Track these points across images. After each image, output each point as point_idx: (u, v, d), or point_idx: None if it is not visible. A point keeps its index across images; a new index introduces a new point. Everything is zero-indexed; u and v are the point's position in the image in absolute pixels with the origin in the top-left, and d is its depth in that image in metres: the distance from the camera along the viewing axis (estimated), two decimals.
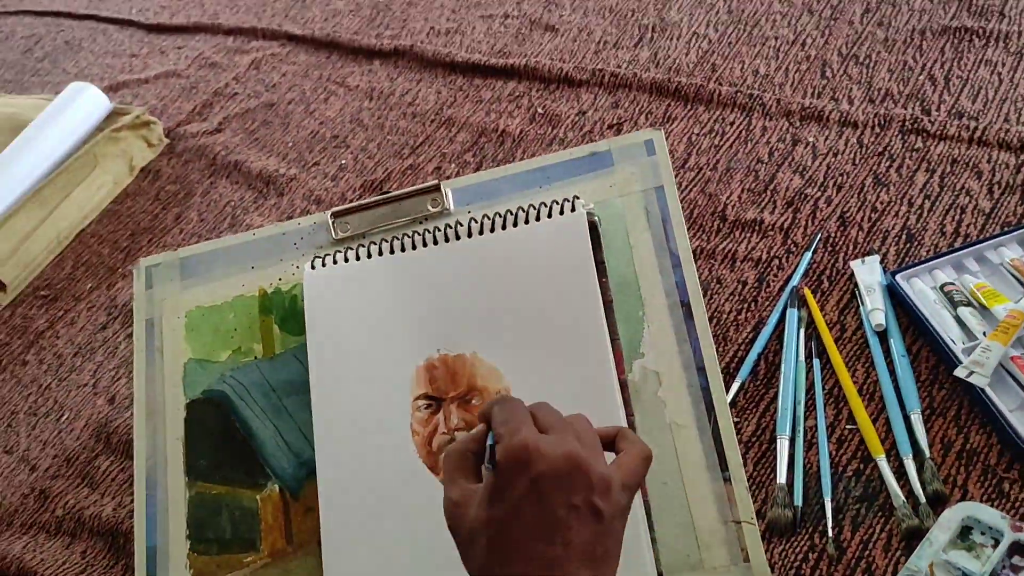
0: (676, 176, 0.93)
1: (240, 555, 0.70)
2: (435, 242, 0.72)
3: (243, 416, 0.74)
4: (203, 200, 1.18)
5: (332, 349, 0.71)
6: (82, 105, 1.27)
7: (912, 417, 0.66)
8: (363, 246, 0.74)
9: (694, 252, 0.84)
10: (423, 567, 0.65)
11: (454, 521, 0.49)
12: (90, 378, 1.00)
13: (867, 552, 0.61)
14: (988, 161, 0.82)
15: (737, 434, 0.70)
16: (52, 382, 1.01)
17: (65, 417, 0.96)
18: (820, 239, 0.81)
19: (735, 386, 0.73)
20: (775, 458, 0.68)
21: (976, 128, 0.85)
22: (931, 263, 0.74)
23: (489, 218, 0.72)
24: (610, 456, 0.51)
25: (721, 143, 0.95)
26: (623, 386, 0.66)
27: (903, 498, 0.62)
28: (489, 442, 0.49)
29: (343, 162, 1.14)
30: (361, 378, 0.70)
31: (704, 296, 0.80)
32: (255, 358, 0.76)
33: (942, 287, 0.72)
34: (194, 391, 0.76)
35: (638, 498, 0.63)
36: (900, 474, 0.64)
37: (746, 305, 0.79)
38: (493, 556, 0.46)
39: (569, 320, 0.68)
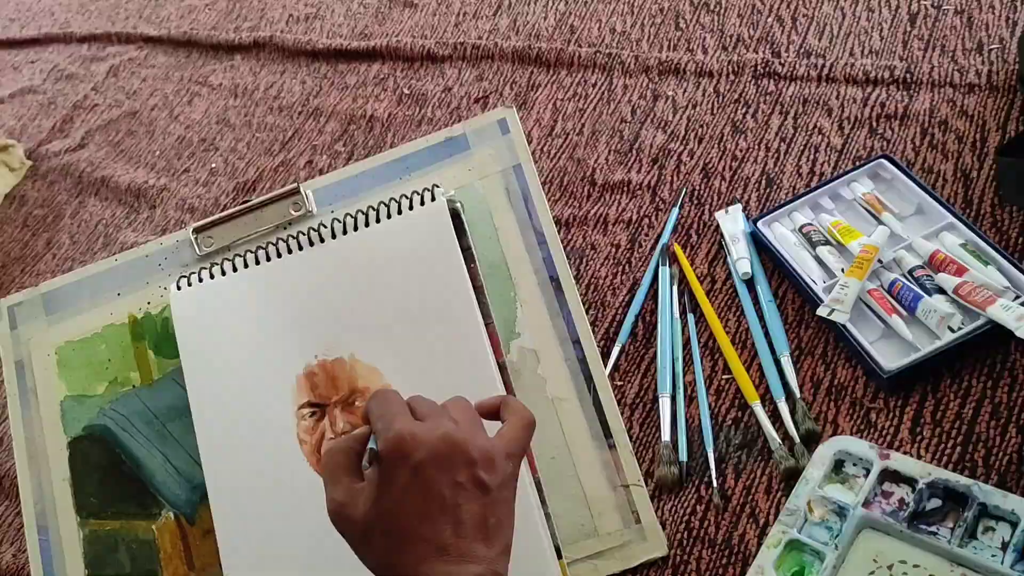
0: (544, 145, 0.93)
1: None
2: (300, 247, 0.71)
3: (128, 448, 0.73)
4: (73, 222, 1.13)
5: (208, 369, 0.70)
6: None
7: (782, 360, 0.68)
8: (228, 260, 0.73)
9: (567, 220, 0.85)
10: (325, 573, 0.65)
11: (342, 521, 0.50)
12: None
13: (751, 497, 0.64)
14: (837, 98, 0.85)
15: (621, 397, 0.71)
16: None
17: None
18: (686, 193, 0.83)
19: (615, 350, 0.74)
20: (659, 417, 0.69)
21: (824, 66, 0.87)
22: (789, 206, 0.76)
23: (352, 216, 0.71)
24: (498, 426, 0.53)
25: (585, 106, 0.95)
26: (502, 368, 0.67)
27: (779, 440, 0.65)
28: (370, 445, 0.50)
29: (213, 166, 1.11)
30: (241, 394, 0.69)
31: (580, 263, 0.81)
32: (133, 387, 0.74)
33: (801, 228, 0.74)
34: (74, 428, 0.74)
35: (529, 476, 0.64)
36: (775, 417, 0.67)
37: (621, 268, 0.80)
38: (389, 548, 0.48)
39: (441, 311, 0.68)
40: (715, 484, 0.65)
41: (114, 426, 0.73)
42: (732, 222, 0.77)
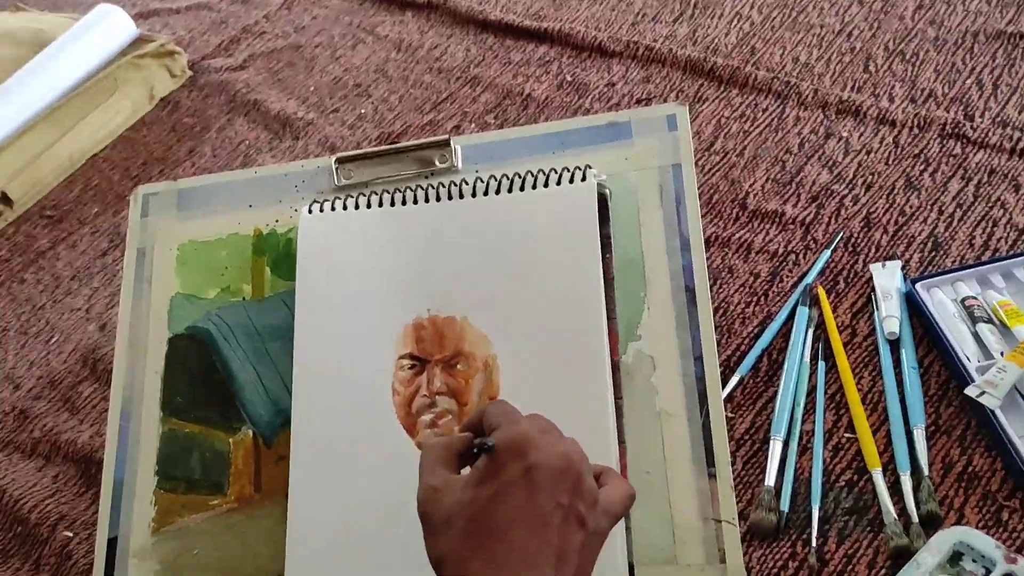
0: (700, 159, 0.89)
1: (206, 497, 0.69)
2: (437, 199, 0.70)
3: (225, 357, 0.72)
4: (218, 136, 1.15)
5: (320, 297, 0.69)
6: (108, 28, 1.24)
7: (915, 432, 0.63)
8: (364, 195, 0.71)
9: (709, 239, 0.81)
10: (388, 528, 0.62)
11: (430, 506, 0.48)
12: (84, 303, 0.98)
13: (850, 567, 0.58)
14: None
15: (730, 431, 0.67)
16: (47, 303, 1.00)
17: (55, 339, 0.95)
18: (842, 238, 0.78)
19: (733, 380, 0.70)
20: (766, 459, 0.65)
21: (1020, 139, 0.81)
22: (955, 274, 0.70)
23: (496, 179, 0.69)
24: None
25: (751, 129, 0.91)
26: (615, 368, 0.63)
27: (895, 515, 0.59)
28: (476, 440, 0.48)
29: (363, 111, 1.11)
30: (346, 330, 0.68)
31: (713, 285, 0.77)
32: (243, 299, 0.73)
33: (963, 300, 0.69)
34: (178, 326, 0.74)
35: None
36: (895, 491, 0.61)
37: (756, 299, 0.76)
38: (469, 538, 0.45)
39: (567, 293, 0.65)
40: (814, 544, 0.60)
41: (216, 332, 0.73)
42: (888, 277, 0.72)
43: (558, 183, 0.67)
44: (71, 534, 0.75)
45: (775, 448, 0.65)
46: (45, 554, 0.75)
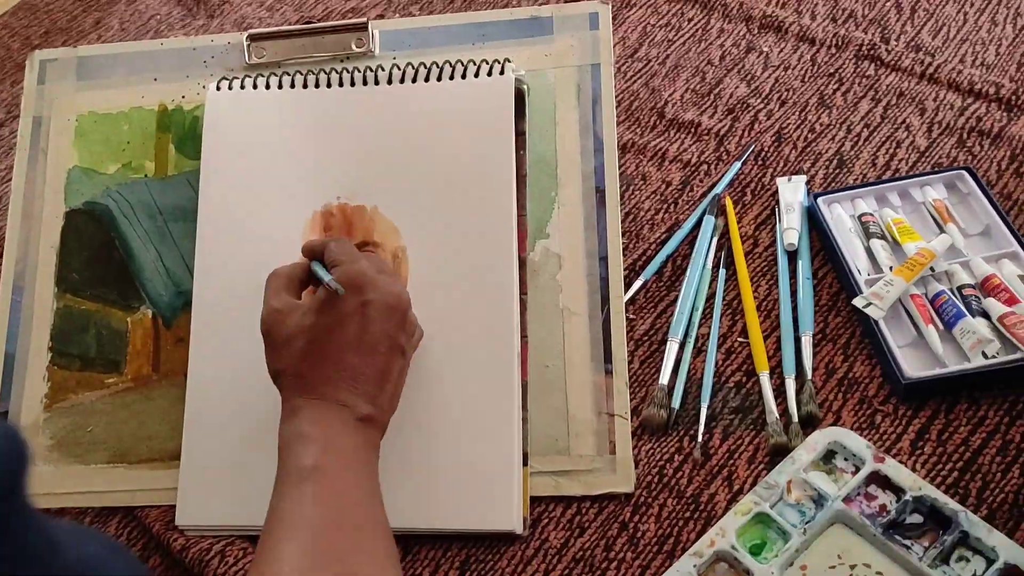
0: (623, 65, 0.89)
1: (102, 375, 0.68)
2: (352, 83, 0.68)
3: (125, 235, 0.70)
4: (128, 8, 1.10)
5: (226, 177, 0.67)
6: None
7: (803, 339, 0.66)
8: (275, 75, 0.69)
9: (625, 145, 0.82)
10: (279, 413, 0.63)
11: (274, 326, 0.55)
12: None
13: (732, 461, 0.61)
14: (934, 100, 0.80)
15: (630, 331, 0.69)
16: None
17: None
18: (753, 151, 0.79)
19: (638, 283, 0.71)
20: (662, 359, 0.67)
21: (930, 64, 0.82)
22: (855, 191, 0.72)
23: (413, 67, 0.68)
24: None
25: (675, 39, 0.91)
26: (522, 264, 0.64)
27: (777, 415, 0.62)
28: (321, 274, 0.55)
29: None
30: (252, 214, 0.67)
31: (626, 191, 0.78)
32: (145, 176, 0.71)
33: (860, 216, 0.71)
34: (76, 200, 0.71)
35: (517, 377, 0.61)
36: (780, 393, 0.64)
37: (666, 206, 0.77)
38: (307, 357, 0.53)
39: (478, 187, 0.65)
40: (700, 439, 0.62)
41: (116, 209, 0.71)
42: (792, 191, 0.74)
43: (476, 75, 0.67)
44: None
45: (671, 349, 0.67)
46: None
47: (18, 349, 0.69)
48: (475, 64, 0.67)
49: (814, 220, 0.72)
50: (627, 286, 0.71)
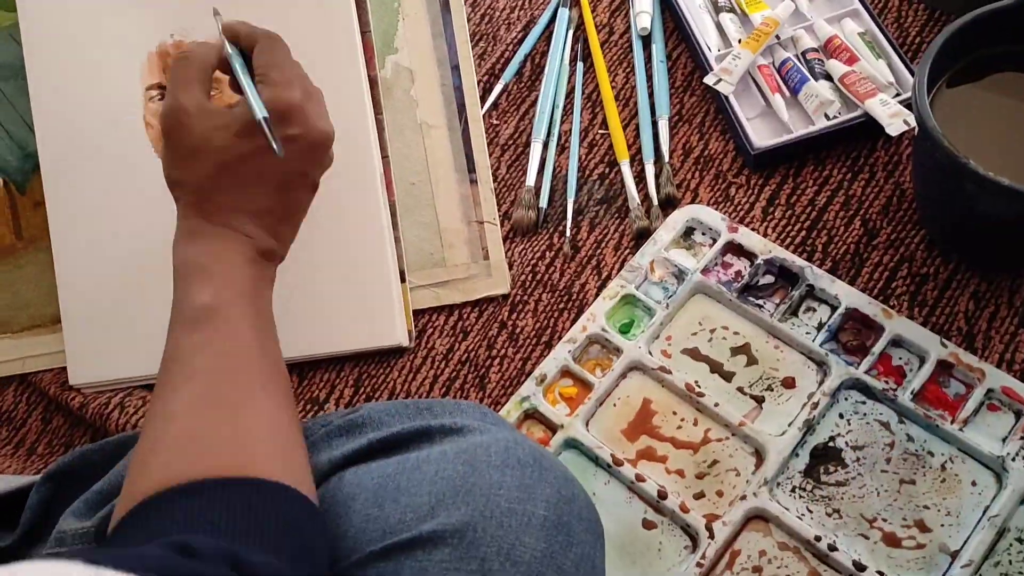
0: None
1: None
2: None
3: None
4: None
5: (50, 27, 0.63)
6: None
7: (659, 123, 0.67)
8: None
9: None
10: (157, 259, 0.63)
11: (178, 129, 0.48)
12: None
13: (599, 251, 0.64)
14: None
15: (495, 137, 0.69)
16: None
17: None
18: None
19: (498, 87, 0.71)
20: (528, 161, 0.68)
21: None
22: None
23: None
24: None
25: None
26: (373, 83, 0.63)
27: (638, 201, 0.65)
28: (250, 96, 0.48)
29: None
30: (84, 63, 0.63)
31: None
32: None
33: None
34: None
35: (384, 197, 0.62)
36: (641, 179, 0.66)
37: (520, 3, 0.75)
38: (214, 178, 0.48)
39: (316, 7, 0.62)
40: (568, 234, 0.65)
41: None
42: None
43: None
44: None
45: (535, 150, 0.68)
46: None
47: None
48: None
49: (667, 2, 0.72)
50: (488, 91, 0.71)
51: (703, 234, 0.63)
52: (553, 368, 0.59)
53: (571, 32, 0.73)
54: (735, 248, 0.61)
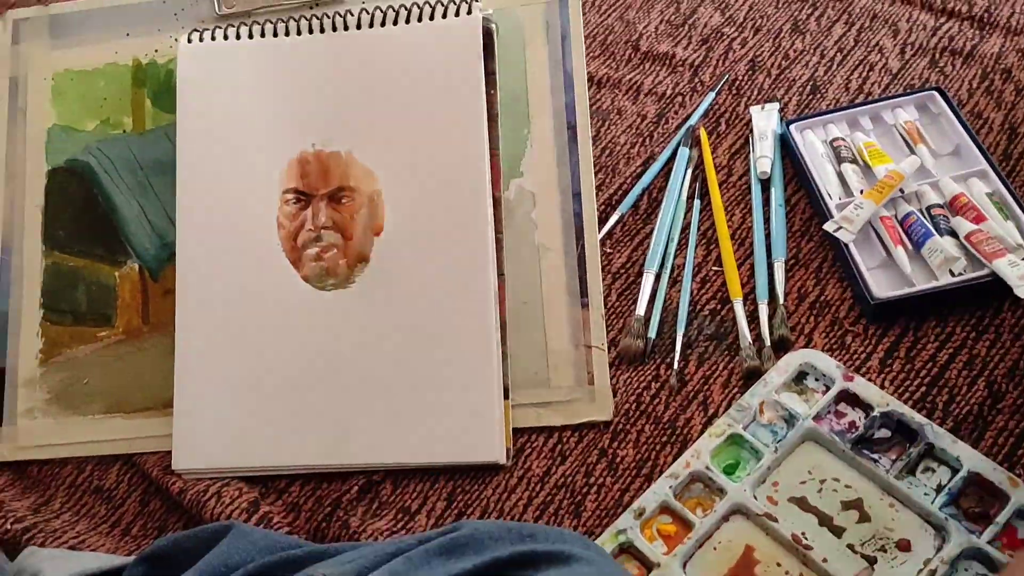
0: (597, 0, 0.89)
1: (94, 329, 0.69)
2: (322, 30, 0.68)
3: (107, 191, 0.71)
4: None
5: (202, 129, 0.68)
6: None
7: (775, 264, 0.67)
8: (245, 25, 0.69)
9: (600, 80, 0.82)
10: (271, 355, 0.65)
11: None
12: None
13: (706, 387, 0.63)
14: (907, 20, 0.80)
15: (607, 265, 0.70)
16: None
17: None
18: (727, 81, 0.79)
19: (614, 217, 0.72)
20: (639, 291, 0.68)
21: None
22: (827, 116, 0.73)
23: (381, 11, 0.68)
24: None
25: None
26: (496, 203, 0.65)
27: (750, 340, 0.64)
28: None
29: None
30: (230, 164, 0.68)
31: (601, 126, 0.79)
32: (124, 131, 0.72)
33: (832, 141, 0.72)
34: (57, 159, 0.72)
35: (496, 314, 0.63)
36: (753, 319, 0.65)
37: (641, 139, 0.78)
38: None
39: (450, 128, 0.65)
40: (676, 366, 0.64)
41: (97, 166, 0.72)
42: (765, 119, 0.74)
43: (444, 15, 0.67)
44: None
45: (647, 280, 0.68)
46: None
47: (10, 307, 0.70)
48: (442, 5, 0.67)
49: (787, 147, 0.73)
50: (603, 221, 0.72)
51: (816, 380, 0.61)
52: (652, 503, 0.57)
53: (690, 170, 0.74)
54: (850, 397, 0.60)
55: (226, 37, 0.69)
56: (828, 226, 0.66)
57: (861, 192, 0.67)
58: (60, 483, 0.67)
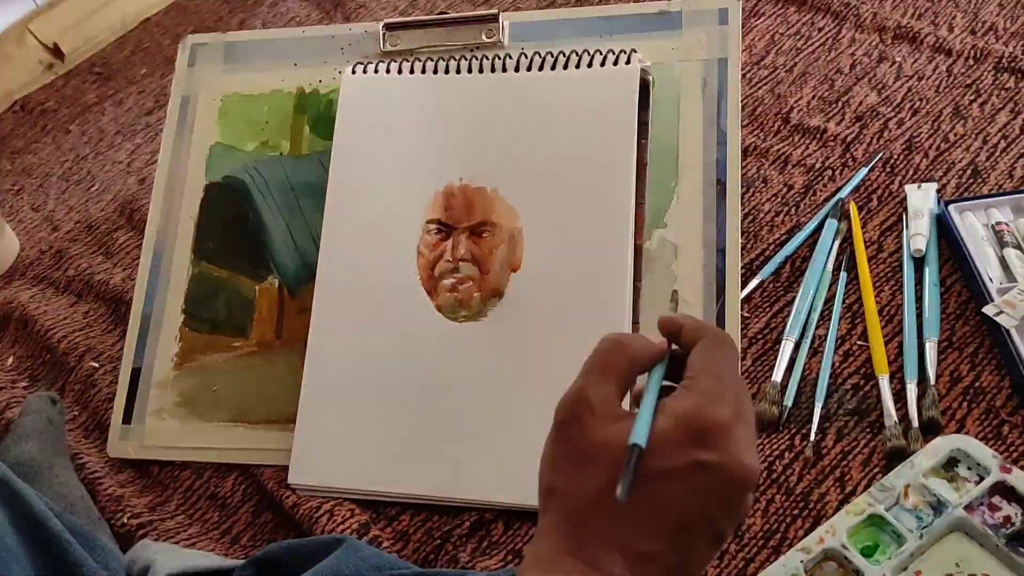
0: (748, 72, 0.88)
1: (229, 338, 0.71)
2: (480, 70, 0.70)
3: (258, 207, 0.74)
4: (271, 11, 1.16)
5: (355, 156, 0.70)
6: None
7: (927, 344, 0.63)
8: (407, 61, 0.72)
9: (747, 148, 0.81)
10: (397, 380, 0.64)
11: (574, 427, 0.39)
12: (126, 157, 1.00)
13: (845, 462, 0.60)
14: None
15: (745, 329, 0.68)
16: (90, 154, 1.02)
17: (95, 188, 0.97)
18: (881, 158, 0.77)
19: (755, 282, 0.70)
20: (776, 358, 0.66)
21: None
22: (989, 199, 0.70)
23: (540, 56, 0.69)
24: None
25: (804, 47, 0.90)
26: (638, 252, 0.64)
27: (896, 419, 0.60)
28: (643, 414, 0.38)
29: None
30: (378, 191, 0.69)
31: (746, 193, 0.77)
32: (281, 154, 0.75)
33: (994, 225, 0.68)
34: (216, 174, 0.75)
35: None
36: (900, 399, 0.62)
37: (787, 208, 0.76)
38: (603, 499, 0.37)
39: (599, 175, 0.65)
40: (813, 438, 0.61)
41: (251, 183, 0.74)
42: (921, 198, 0.72)
43: (603, 64, 0.68)
44: (97, 364, 0.78)
45: (786, 347, 0.66)
46: (70, 381, 0.78)
47: (155, 310, 0.73)
48: (601, 54, 0.68)
49: (943, 229, 0.70)
50: (743, 284, 0.70)
51: (969, 468, 0.57)
52: None
53: (837, 242, 0.72)
54: (1006, 490, 0.55)
55: (388, 71, 0.72)
56: (988, 309, 0.62)
57: None
58: (178, 485, 0.68)
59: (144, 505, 0.67)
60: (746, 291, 0.70)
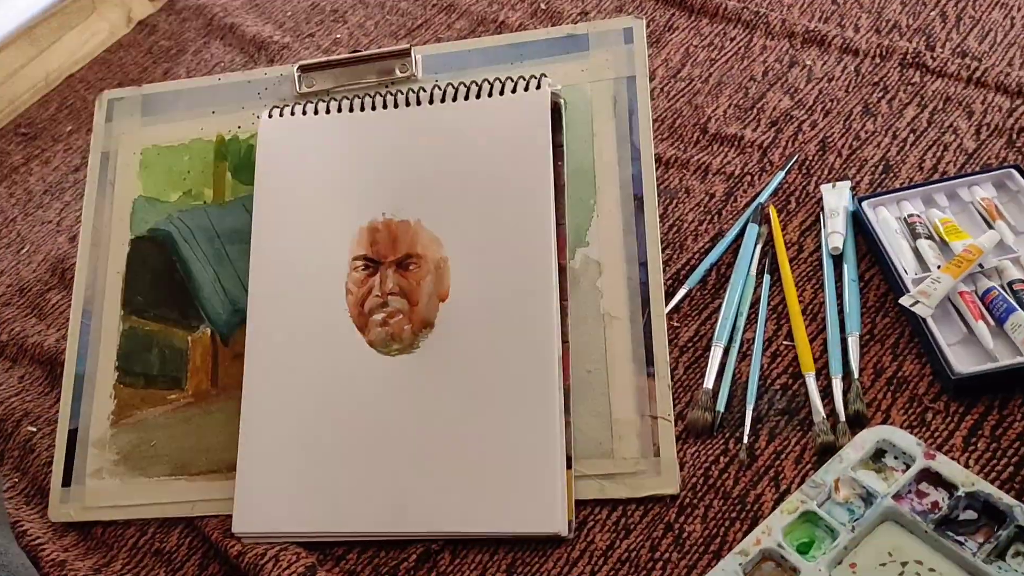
0: (665, 85, 0.90)
1: (164, 391, 0.71)
2: (395, 105, 0.71)
3: (185, 258, 0.74)
4: (194, 59, 1.16)
5: (278, 199, 0.70)
6: None
7: (850, 339, 0.65)
8: (323, 101, 0.72)
9: (668, 160, 0.83)
10: (336, 421, 0.64)
11: None
12: (56, 216, 0.99)
13: (778, 462, 0.61)
14: (982, 103, 0.79)
15: (674, 339, 0.69)
16: (18, 215, 1.01)
17: (25, 250, 0.96)
18: (796, 160, 0.79)
19: (681, 292, 0.71)
20: (707, 365, 0.67)
21: (977, 69, 0.82)
22: (901, 193, 0.72)
23: (453, 87, 0.70)
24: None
25: (717, 58, 0.92)
26: (562, 271, 0.65)
27: (823, 415, 0.61)
28: None
29: (338, 36, 1.11)
30: (303, 231, 0.69)
31: (669, 204, 0.79)
32: (204, 203, 0.75)
33: (906, 218, 0.70)
34: (140, 228, 0.75)
35: (560, 381, 0.62)
36: (827, 394, 0.63)
37: (709, 217, 0.77)
38: None
39: (517, 199, 0.66)
40: (746, 441, 0.62)
41: (177, 234, 0.74)
42: (836, 197, 0.74)
43: (514, 91, 0.69)
44: (34, 429, 0.77)
45: (715, 354, 0.67)
46: (8, 447, 0.77)
47: (87, 369, 0.72)
48: (512, 80, 0.69)
49: (860, 224, 0.71)
50: (670, 295, 0.71)
51: (895, 458, 0.58)
52: None
53: (759, 246, 0.73)
54: (932, 476, 0.56)
55: (304, 112, 0.72)
56: (904, 300, 0.64)
57: (938, 267, 0.65)
58: (123, 544, 0.67)
59: (89, 567, 0.66)
60: (674, 301, 0.71)
